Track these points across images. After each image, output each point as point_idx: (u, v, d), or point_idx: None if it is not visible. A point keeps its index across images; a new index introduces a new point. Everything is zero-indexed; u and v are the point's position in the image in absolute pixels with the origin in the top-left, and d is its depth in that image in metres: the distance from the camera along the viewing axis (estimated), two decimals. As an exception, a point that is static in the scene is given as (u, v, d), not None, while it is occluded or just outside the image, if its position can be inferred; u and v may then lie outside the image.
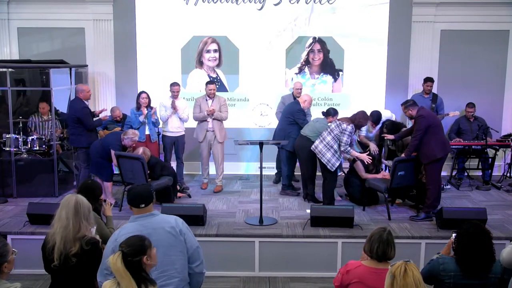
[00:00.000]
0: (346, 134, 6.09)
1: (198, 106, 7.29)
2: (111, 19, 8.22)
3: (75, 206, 3.18)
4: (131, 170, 6.22)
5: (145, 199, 3.18)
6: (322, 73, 8.40)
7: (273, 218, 6.04)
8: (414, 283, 2.50)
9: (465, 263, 3.11)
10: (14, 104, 7.37)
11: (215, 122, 7.28)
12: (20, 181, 7.01)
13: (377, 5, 8.17)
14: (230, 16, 8.24)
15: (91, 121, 6.90)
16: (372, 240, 3.07)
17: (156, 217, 3.18)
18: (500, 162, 8.28)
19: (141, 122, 7.20)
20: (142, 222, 3.13)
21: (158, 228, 3.10)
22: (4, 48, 8.33)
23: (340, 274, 3.14)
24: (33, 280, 5.28)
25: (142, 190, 3.22)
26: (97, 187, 4.05)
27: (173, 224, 3.14)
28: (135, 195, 3.19)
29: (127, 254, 2.58)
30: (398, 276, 2.51)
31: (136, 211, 3.18)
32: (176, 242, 3.11)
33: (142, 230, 3.03)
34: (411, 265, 2.55)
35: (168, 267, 3.08)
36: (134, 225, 3.12)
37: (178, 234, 3.12)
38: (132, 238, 2.71)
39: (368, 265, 3.08)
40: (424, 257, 5.40)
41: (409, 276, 2.51)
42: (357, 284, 3.04)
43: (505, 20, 8.26)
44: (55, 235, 3.17)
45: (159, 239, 3.05)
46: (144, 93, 7.30)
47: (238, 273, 5.42)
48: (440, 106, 7.92)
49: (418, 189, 6.37)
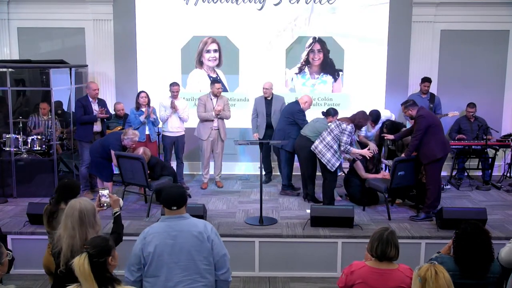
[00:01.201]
0: (346, 134, 6.09)
1: (202, 105, 7.30)
2: (111, 19, 8.22)
3: (79, 216, 3.14)
4: (131, 170, 6.22)
5: (178, 202, 3.18)
6: (322, 73, 8.40)
7: (273, 218, 6.04)
8: (447, 285, 2.52)
9: (464, 263, 3.11)
10: (14, 104, 7.37)
11: (219, 121, 7.33)
12: (20, 181, 7.01)
13: (377, 5, 8.17)
14: (230, 16, 8.24)
15: (79, 114, 7.04)
16: (373, 239, 3.07)
17: (185, 220, 3.19)
18: (500, 162, 8.28)
19: (141, 122, 7.20)
20: (170, 223, 3.16)
21: (185, 231, 3.12)
22: (4, 48, 8.33)
23: (344, 275, 3.13)
24: (33, 280, 5.28)
25: (176, 192, 3.22)
26: (75, 186, 3.97)
27: (201, 229, 3.15)
28: (168, 196, 3.19)
29: (93, 255, 2.55)
30: (430, 279, 2.52)
31: (167, 212, 3.20)
32: (202, 247, 3.12)
33: (169, 231, 3.10)
34: (440, 267, 2.57)
35: (192, 271, 3.09)
36: (162, 225, 3.16)
37: (205, 240, 3.13)
38: (97, 238, 2.71)
39: (371, 265, 3.08)
40: (424, 257, 5.40)
41: (441, 278, 2.52)
42: (361, 285, 3.03)
43: (505, 20, 8.26)
44: (61, 240, 3.15)
45: (185, 242, 3.09)
46: (143, 92, 7.32)
47: (238, 273, 5.40)
48: (438, 106, 7.92)
49: (418, 189, 6.37)
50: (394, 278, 3.01)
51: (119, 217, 3.72)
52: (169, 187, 3.36)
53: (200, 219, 3.32)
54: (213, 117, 7.25)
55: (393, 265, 3.06)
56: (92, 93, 7.13)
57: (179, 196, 3.20)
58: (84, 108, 7.05)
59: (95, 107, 7.15)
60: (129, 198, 6.92)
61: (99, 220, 3.32)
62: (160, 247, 3.08)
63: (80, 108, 7.05)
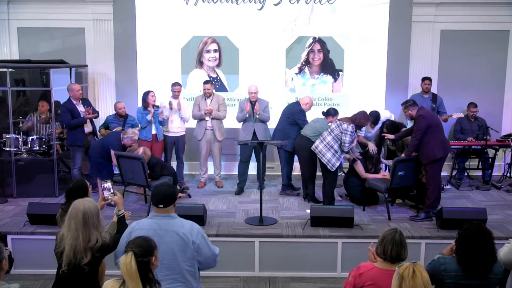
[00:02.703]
0: (348, 135, 6.08)
1: (197, 105, 7.36)
2: (111, 19, 8.22)
3: (83, 218, 3.13)
4: (131, 170, 6.22)
5: (165, 201, 3.19)
6: (322, 73, 8.40)
7: (273, 218, 6.04)
8: (423, 284, 2.52)
9: (466, 264, 3.10)
10: (14, 104, 7.36)
11: (214, 121, 7.33)
12: (20, 181, 7.01)
13: (377, 5, 8.17)
14: (230, 16, 8.23)
15: (66, 120, 6.93)
16: (385, 242, 3.05)
17: (172, 220, 3.19)
18: (500, 162, 8.28)
19: (148, 121, 7.19)
20: (157, 221, 3.17)
21: (170, 231, 3.12)
22: (4, 48, 8.33)
23: (352, 277, 3.11)
24: (33, 280, 5.27)
25: (164, 191, 3.22)
26: (83, 186, 3.91)
27: (187, 232, 3.15)
28: (156, 194, 3.21)
29: (138, 255, 2.54)
30: (407, 277, 2.52)
31: (155, 209, 3.21)
32: (186, 248, 3.12)
33: (156, 229, 3.11)
34: (419, 266, 2.57)
35: (174, 271, 3.10)
36: (149, 222, 3.18)
37: (189, 242, 3.13)
38: (139, 239, 2.70)
39: (381, 267, 3.06)
40: (424, 257, 5.40)
41: (418, 277, 2.52)
42: (371, 286, 3.02)
43: (505, 20, 8.26)
44: (64, 240, 3.15)
45: (170, 242, 3.09)
46: (152, 92, 7.29)
47: (238, 273, 5.42)
48: (441, 106, 7.91)
49: (418, 189, 6.37)
50: None
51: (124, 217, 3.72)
52: (160, 185, 3.34)
53: (187, 220, 3.29)
54: (205, 116, 7.27)
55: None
56: (77, 94, 6.95)
57: (166, 195, 3.21)
58: (70, 112, 6.89)
59: (80, 109, 7.01)
60: (129, 198, 6.92)
61: (103, 220, 3.31)
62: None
63: (66, 113, 6.88)
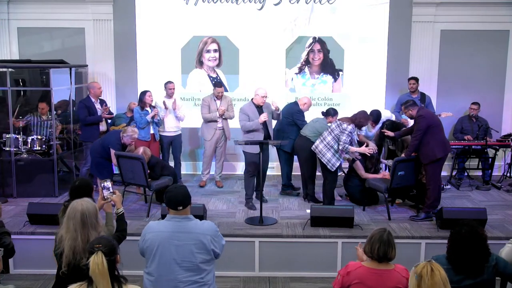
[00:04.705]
0: (346, 134, 6.08)
1: (206, 107, 7.32)
2: (111, 19, 8.22)
3: (81, 218, 3.13)
4: (131, 170, 6.21)
5: (185, 202, 3.20)
6: (322, 73, 8.40)
7: (273, 218, 6.04)
8: (442, 282, 2.53)
9: (456, 263, 3.12)
10: (14, 104, 7.36)
11: (224, 121, 7.38)
12: (20, 181, 7.01)
13: (377, 5, 8.17)
14: (230, 16, 8.23)
15: (82, 116, 7.09)
16: (372, 241, 3.07)
17: (191, 222, 3.21)
18: (500, 162, 8.28)
19: (148, 122, 7.19)
20: (176, 223, 3.18)
21: (190, 233, 3.15)
22: (4, 48, 8.33)
23: (340, 276, 3.14)
24: (33, 280, 5.27)
25: (181, 193, 3.22)
26: (87, 186, 3.93)
27: (206, 232, 3.18)
28: (174, 197, 3.20)
29: (106, 254, 2.57)
30: (426, 276, 2.54)
31: (172, 212, 3.21)
32: (205, 249, 3.15)
33: (174, 232, 3.13)
34: (436, 265, 2.58)
35: (194, 272, 3.12)
36: (167, 225, 3.19)
37: (209, 243, 3.16)
38: (103, 239, 2.72)
39: (368, 266, 3.08)
40: (424, 257, 5.40)
41: (437, 275, 2.54)
42: (358, 285, 3.04)
43: (505, 20, 8.25)
44: (63, 241, 3.15)
45: (190, 244, 3.12)
46: (149, 91, 7.29)
47: (238, 273, 5.42)
48: (430, 105, 7.90)
49: (418, 189, 6.37)
50: (392, 278, 3.02)
51: (123, 216, 3.73)
52: (173, 187, 3.34)
53: (204, 220, 3.35)
54: (218, 117, 7.28)
55: (390, 265, 3.07)
56: (97, 92, 7.21)
57: (184, 196, 3.22)
58: (88, 109, 7.08)
59: (98, 107, 7.17)
60: (129, 198, 6.91)
61: (101, 221, 3.31)
62: (164, 247, 3.11)
63: (83, 110, 7.07)
